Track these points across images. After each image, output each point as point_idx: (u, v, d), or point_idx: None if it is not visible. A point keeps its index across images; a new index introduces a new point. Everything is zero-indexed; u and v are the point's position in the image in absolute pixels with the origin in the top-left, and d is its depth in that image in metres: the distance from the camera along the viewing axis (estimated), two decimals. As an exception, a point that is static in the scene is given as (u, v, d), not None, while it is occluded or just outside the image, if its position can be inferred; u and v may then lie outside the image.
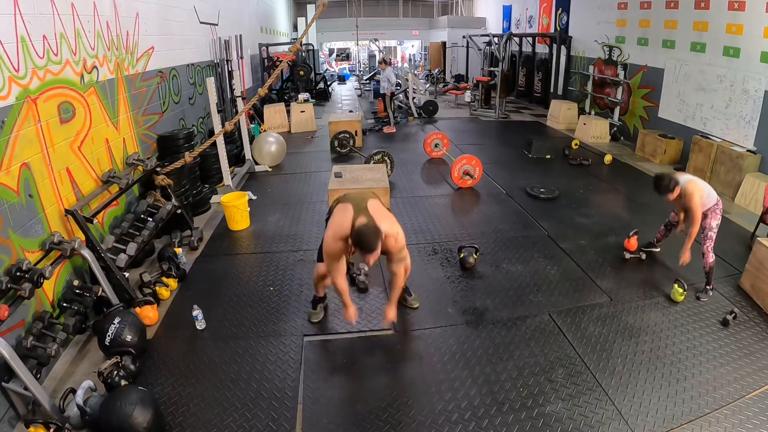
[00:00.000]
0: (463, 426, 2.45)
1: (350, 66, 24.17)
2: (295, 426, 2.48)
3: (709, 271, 3.54)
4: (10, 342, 2.45)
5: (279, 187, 6.23)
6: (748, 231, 4.61)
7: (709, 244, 3.53)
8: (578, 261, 4.12)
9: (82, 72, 3.67)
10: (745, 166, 5.54)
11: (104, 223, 3.88)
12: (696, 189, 3.41)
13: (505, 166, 7.06)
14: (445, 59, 19.34)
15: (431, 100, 11.56)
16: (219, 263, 4.20)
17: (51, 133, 3.21)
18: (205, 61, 7.16)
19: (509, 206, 5.43)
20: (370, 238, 2.49)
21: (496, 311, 3.43)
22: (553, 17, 11.48)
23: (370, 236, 2.49)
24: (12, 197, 2.78)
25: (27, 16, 3.01)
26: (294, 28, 19.98)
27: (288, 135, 9.04)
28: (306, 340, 3.14)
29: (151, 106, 5.02)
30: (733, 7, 5.95)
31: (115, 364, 2.68)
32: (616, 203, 5.68)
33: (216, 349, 3.06)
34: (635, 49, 8.18)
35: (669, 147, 6.99)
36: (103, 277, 3.23)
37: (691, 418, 2.49)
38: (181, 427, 2.47)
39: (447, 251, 4.33)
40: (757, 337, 3.11)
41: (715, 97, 6.37)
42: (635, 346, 3.02)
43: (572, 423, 2.45)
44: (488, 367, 2.87)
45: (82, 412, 2.40)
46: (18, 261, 2.73)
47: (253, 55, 11.15)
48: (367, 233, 2.50)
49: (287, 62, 9.84)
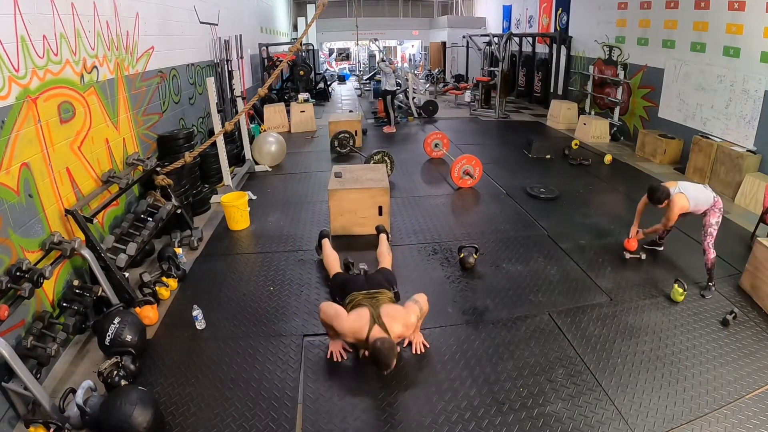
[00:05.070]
0: (463, 426, 2.45)
1: (350, 66, 24.18)
2: (295, 426, 2.48)
3: (711, 267, 3.57)
4: (10, 342, 2.45)
5: (279, 187, 6.23)
6: (748, 231, 4.61)
7: (709, 240, 3.57)
8: (578, 261, 4.12)
9: (82, 72, 3.67)
10: (745, 166, 5.54)
11: (104, 223, 3.88)
12: (678, 201, 3.59)
13: (505, 166, 7.06)
14: (445, 59, 19.34)
15: (431, 100, 11.56)
16: (219, 263, 4.20)
17: (51, 133, 3.21)
18: (205, 61, 7.15)
19: (509, 206, 5.43)
20: (387, 358, 2.57)
21: (496, 311, 3.43)
22: (553, 17, 11.47)
23: (386, 354, 2.57)
24: (12, 197, 2.78)
25: (27, 16, 3.01)
26: (294, 28, 19.97)
27: (288, 135, 9.05)
28: (306, 340, 3.14)
29: (151, 106, 5.02)
30: (733, 7, 5.95)
31: (115, 364, 2.68)
32: (616, 203, 5.68)
33: (216, 349, 3.06)
34: (635, 49, 8.17)
35: (669, 147, 7.00)
36: (103, 277, 3.23)
37: (691, 418, 2.49)
38: (181, 427, 2.47)
39: (447, 251, 4.33)
40: (757, 337, 3.11)
41: (715, 97, 6.37)
42: (635, 346, 3.02)
43: (572, 423, 2.45)
44: (488, 367, 2.87)
45: (82, 412, 2.39)
46: (18, 261, 2.73)
47: (253, 55, 11.15)
48: (383, 351, 2.57)
49: (287, 62, 9.85)
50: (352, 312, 2.85)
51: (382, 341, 2.60)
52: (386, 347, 2.58)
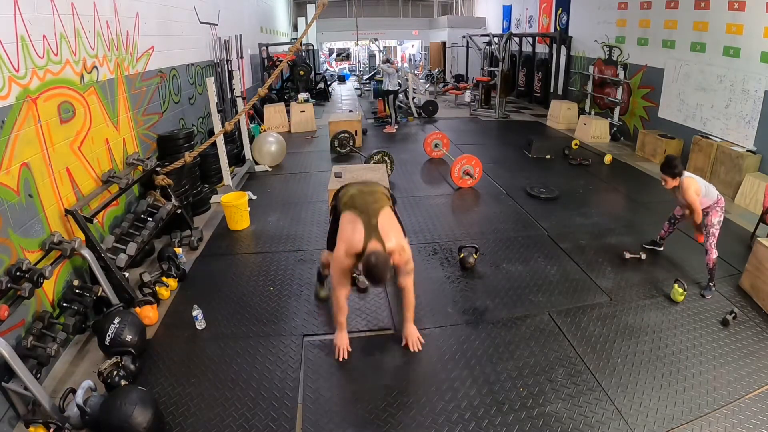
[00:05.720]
0: (463, 426, 2.45)
1: (350, 66, 24.18)
2: (295, 426, 2.48)
3: (713, 267, 3.57)
4: (10, 342, 2.45)
5: (279, 187, 6.23)
6: (748, 231, 4.61)
7: (711, 240, 3.56)
8: (578, 261, 4.12)
9: (82, 72, 3.67)
10: (745, 166, 5.54)
11: (104, 223, 3.88)
12: (691, 184, 3.51)
13: (505, 166, 7.06)
14: (445, 59, 19.35)
15: (431, 100, 11.56)
16: (219, 263, 4.20)
17: (51, 133, 3.21)
18: (205, 61, 7.15)
19: (509, 206, 5.43)
20: (381, 271, 2.54)
21: (496, 311, 3.43)
22: (553, 17, 11.47)
23: (380, 269, 2.54)
24: (12, 197, 2.78)
25: (27, 16, 3.01)
26: (294, 28, 19.98)
27: (288, 135, 9.05)
28: (306, 340, 3.14)
29: (151, 106, 5.02)
30: (733, 7, 5.95)
31: (115, 364, 2.68)
32: (616, 203, 5.68)
33: (216, 349, 3.06)
34: (635, 49, 8.17)
35: (669, 147, 6.99)
36: (103, 277, 3.23)
37: (691, 418, 2.49)
38: (181, 427, 2.47)
39: (447, 251, 4.33)
40: (757, 337, 3.11)
41: (715, 97, 6.37)
42: (635, 346, 3.02)
43: (572, 423, 2.45)
44: (488, 367, 2.87)
45: (82, 412, 2.39)
46: (18, 261, 2.73)
47: (253, 55, 11.15)
48: (378, 265, 2.54)
49: (287, 62, 9.84)
50: (346, 225, 2.78)
51: (376, 255, 2.58)
52: (381, 261, 2.56)
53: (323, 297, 3.48)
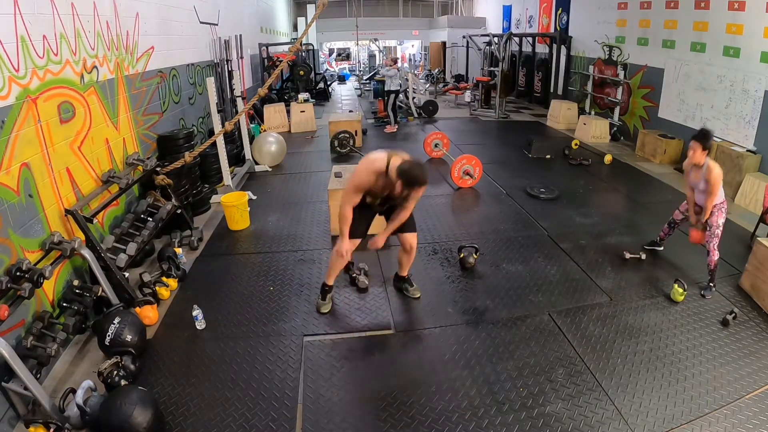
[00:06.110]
0: (463, 426, 2.45)
1: (350, 66, 24.18)
2: (295, 426, 2.48)
3: (714, 268, 3.56)
4: (10, 342, 2.45)
5: (279, 187, 6.23)
6: (748, 231, 4.61)
7: (714, 241, 3.55)
8: (578, 261, 4.12)
9: (82, 72, 3.67)
10: (745, 166, 5.54)
11: (104, 223, 3.88)
12: (717, 166, 3.41)
13: (505, 166, 7.06)
14: (445, 59, 19.35)
15: (431, 100, 11.57)
16: (219, 263, 4.20)
17: (51, 133, 3.20)
18: (205, 61, 7.15)
19: (509, 206, 5.43)
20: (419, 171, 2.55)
21: (496, 311, 3.43)
22: (553, 17, 11.47)
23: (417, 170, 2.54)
24: (12, 197, 2.77)
25: (27, 16, 3.01)
26: (294, 28, 19.98)
27: (288, 135, 9.05)
28: (306, 340, 3.14)
29: (151, 106, 5.01)
30: (733, 7, 5.95)
31: (115, 364, 2.68)
32: (616, 203, 5.68)
33: (216, 349, 3.06)
34: (635, 49, 8.18)
35: (669, 147, 6.99)
36: (103, 277, 3.23)
37: (691, 418, 2.49)
38: (181, 427, 2.47)
39: (447, 251, 4.33)
40: (757, 337, 3.11)
41: (715, 97, 6.37)
42: (635, 346, 3.02)
43: (572, 423, 2.45)
44: (488, 367, 2.87)
45: (82, 412, 2.39)
46: (18, 261, 2.73)
47: (253, 55, 11.15)
48: (413, 167, 2.55)
49: (287, 62, 9.84)
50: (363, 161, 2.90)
51: (408, 162, 2.59)
52: (414, 163, 2.56)
53: (325, 312, 3.41)
